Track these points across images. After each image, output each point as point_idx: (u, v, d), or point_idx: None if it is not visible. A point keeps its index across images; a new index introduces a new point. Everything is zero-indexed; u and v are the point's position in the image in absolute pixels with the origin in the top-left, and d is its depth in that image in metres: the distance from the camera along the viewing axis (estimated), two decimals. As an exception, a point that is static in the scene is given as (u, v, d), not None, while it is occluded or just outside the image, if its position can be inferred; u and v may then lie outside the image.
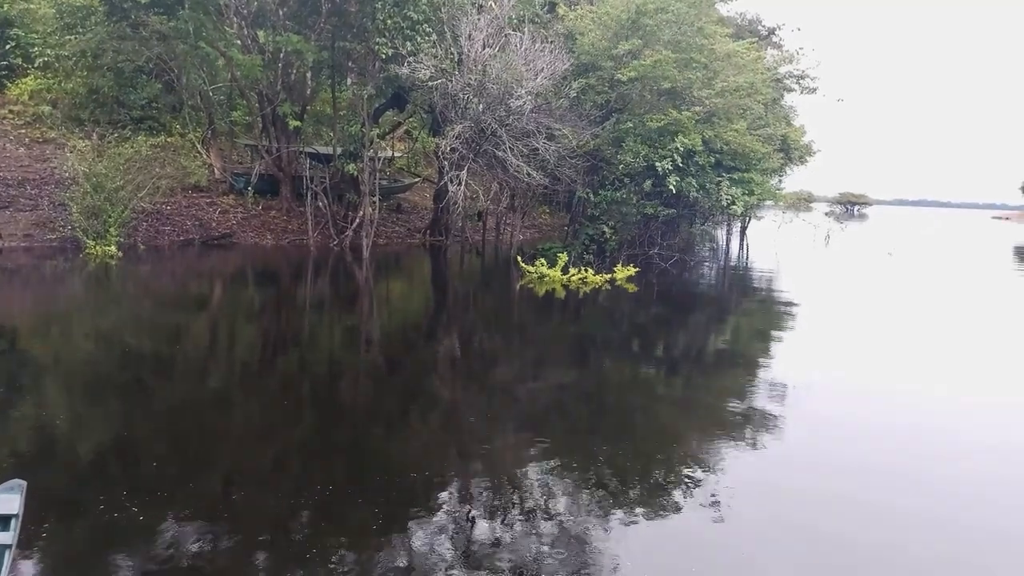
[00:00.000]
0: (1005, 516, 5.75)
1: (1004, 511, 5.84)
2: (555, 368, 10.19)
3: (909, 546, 5.18)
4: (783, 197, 30.80)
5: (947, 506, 5.89)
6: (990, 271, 28.80)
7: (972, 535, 5.43)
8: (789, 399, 8.67)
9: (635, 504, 5.68)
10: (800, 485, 6.22)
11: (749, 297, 18.30)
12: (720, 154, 19.83)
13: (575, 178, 20.03)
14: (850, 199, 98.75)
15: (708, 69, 19.78)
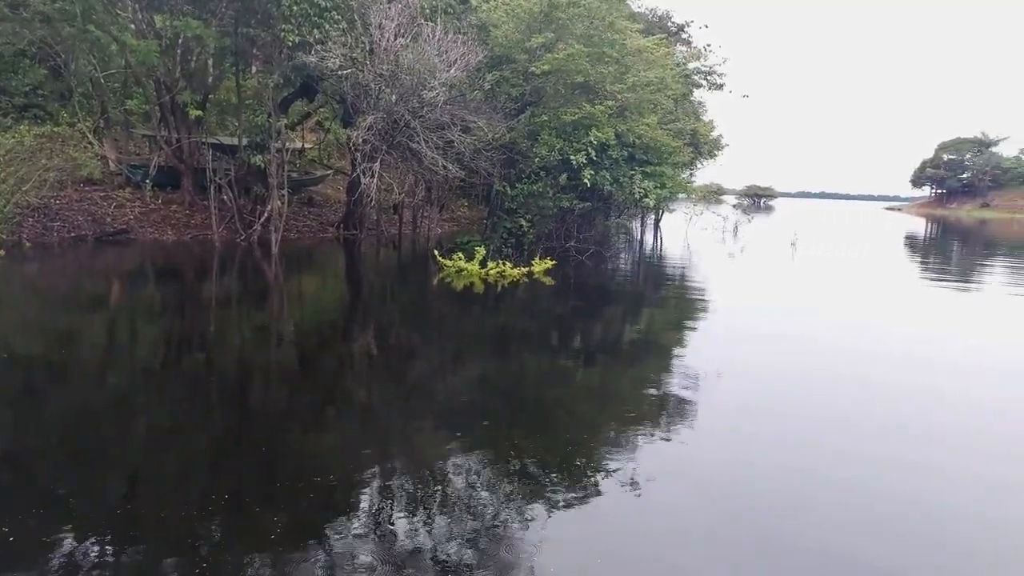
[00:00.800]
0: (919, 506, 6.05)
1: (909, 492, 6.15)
2: (474, 362, 10.09)
3: (819, 517, 5.36)
4: (694, 190, 31.79)
5: (856, 482, 6.13)
6: (884, 259, 30.66)
7: (886, 499, 5.67)
8: (702, 385, 8.92)
9: (555, 493, 5.68)
10: (714, 467, 6.38)
11: (663, 288, 18.74)
12: (633, 148, 20.21)
13: (492, 171, 19.94)
14: (757, 192, 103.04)
15: (620, 64, 20.08)
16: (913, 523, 5.47)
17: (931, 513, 5.66)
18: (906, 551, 5.01)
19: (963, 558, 5.02)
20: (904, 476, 6.31)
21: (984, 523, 5.54)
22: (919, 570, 4.83)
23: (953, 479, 6.34)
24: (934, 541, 5.25)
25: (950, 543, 5.23)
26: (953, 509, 5.76)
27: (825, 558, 4.88)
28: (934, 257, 33.87)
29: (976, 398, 8.92)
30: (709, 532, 5.22)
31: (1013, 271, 26.33)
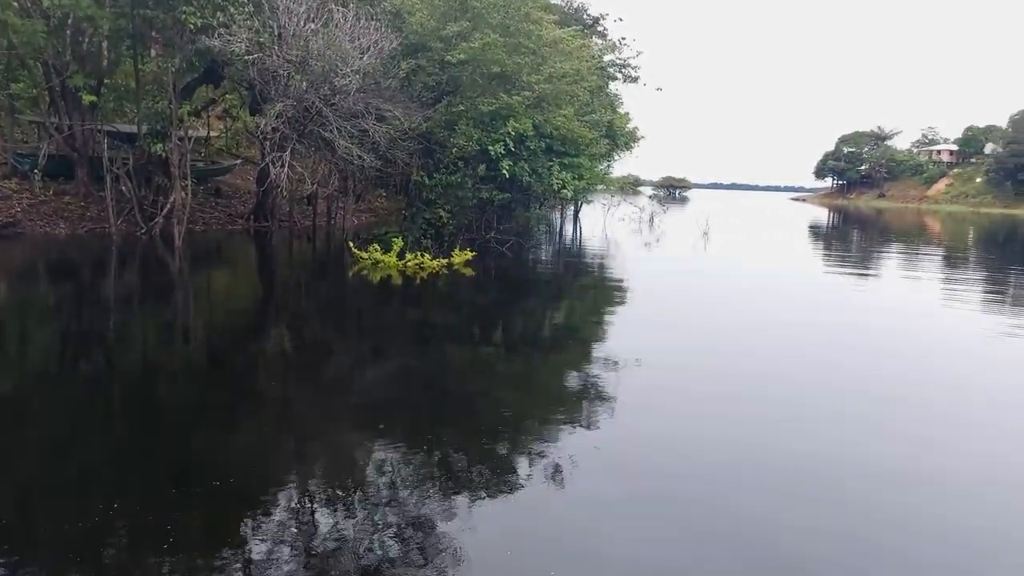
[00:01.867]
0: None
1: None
2: (393, 356, 9.85)
3: (738, 496, 5.48)
4: (612, 181, 32.28)
5: (768, 453, 6.32)
6: (791, 247, 32.12)
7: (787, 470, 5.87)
8: (621, 371, 9.03)
9: (479, 484, 5.61)
10: (634, 448, 6.48)
11: (583, 278, 18.94)
12: (550, 139, 20.29)
13: (409, 161, 19.60)
14: (672, 183, 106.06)
15: (536, 55, 20.09)
16: (820, 484, 5.69)
17: (832, 471, 5.91)
18: (816, 512, 5.21)
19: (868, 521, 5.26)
20: (808, 443, 6.57)
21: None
22: (828, 532, 4.99)
23: (860, 445, 6.64)
24: (841, 498, 5.47)
25: (859, 502, 5.46)
26: (858, 466, 6.04)
27: (741, 525, 5.02)
28: (836, 245, 35.77)
29: (884, 375, 9.41)
30: (631, 511, 5.29)
31: (903, 255, 28.12)
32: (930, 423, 7.69)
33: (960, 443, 7.11)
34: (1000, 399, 8.75)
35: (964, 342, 12.03)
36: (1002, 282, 21.37)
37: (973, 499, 5.83)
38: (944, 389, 9.11)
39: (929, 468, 6.39)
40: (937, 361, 10.77)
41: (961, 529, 5.30)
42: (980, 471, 6.41)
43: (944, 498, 5.84)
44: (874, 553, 4.81)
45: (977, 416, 7.99)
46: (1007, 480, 6.24)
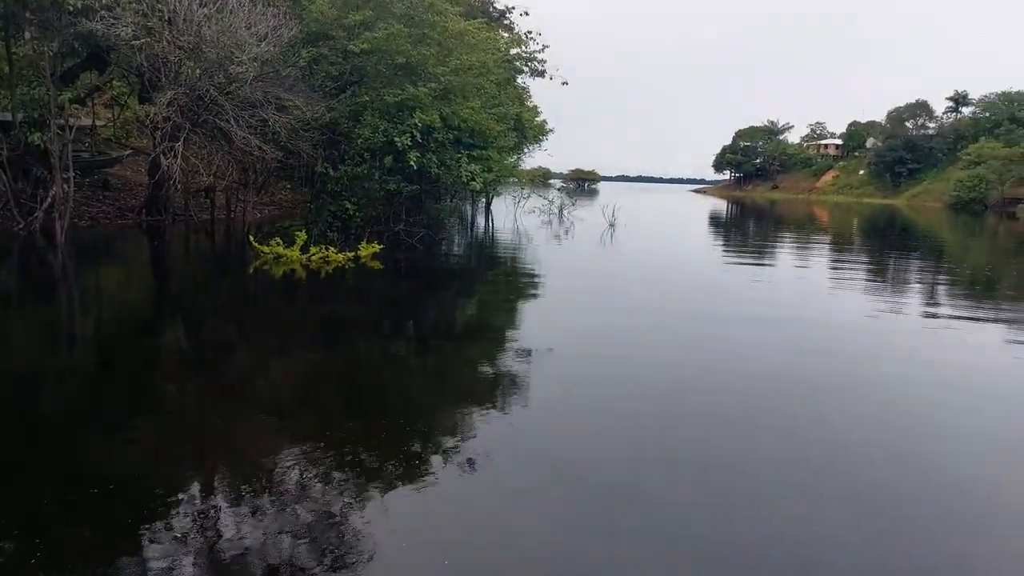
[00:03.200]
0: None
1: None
2: (298, 352, 9.59)
3: (649, 474, 5.67)
4: (522, 174, 32.58)
5: (678, 439, 6.58)
6: (693, 237, 33.47)
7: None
8: (534, 361, 9.16)
9: (392, 479, 5.55)
10: (549, 437, 6.58)
11: (495, 269, 19.04)
12: (458, 131, 20.24)
13: (313, 152, 19.08)
14: (581, 176, 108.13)
15: (442, 46, 19.96)
16: (729, 469, 5.97)
17: (738, 455, 6.22)
18: (726, 494, 5.46)
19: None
20: (717, 431, 6.88)
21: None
22: (743, 513, 5.25)
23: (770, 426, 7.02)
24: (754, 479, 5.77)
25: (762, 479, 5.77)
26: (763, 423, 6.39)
27: (654, 512, 5.18)
28: (735, 234, 37.50)
29: (781, 350, 9.96)
30: (545, 500, 5.37)
31: (795, 242, 29.85)
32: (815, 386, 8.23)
33: (850, 412, 7.63)
34: (867, 354, 9.46)
35: (849, 318, 12.90)
36: (881, 264, 23.06)
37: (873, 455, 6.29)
38: (830, 359, 9.74)
39: (811, 421, 6.85)
40: (827, 334, 11.49)
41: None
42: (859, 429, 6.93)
43: (840, 454, 6.27)
44: (781, 531, 5.11)
45: (861, 382, 8.60)
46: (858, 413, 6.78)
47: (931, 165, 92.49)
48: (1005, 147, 74.75)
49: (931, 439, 7.02)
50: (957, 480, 6.05)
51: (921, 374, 9.38)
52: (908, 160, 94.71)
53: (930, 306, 15.02)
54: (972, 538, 5.11)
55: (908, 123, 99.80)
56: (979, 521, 5.34)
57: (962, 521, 5.33)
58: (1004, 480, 6.11)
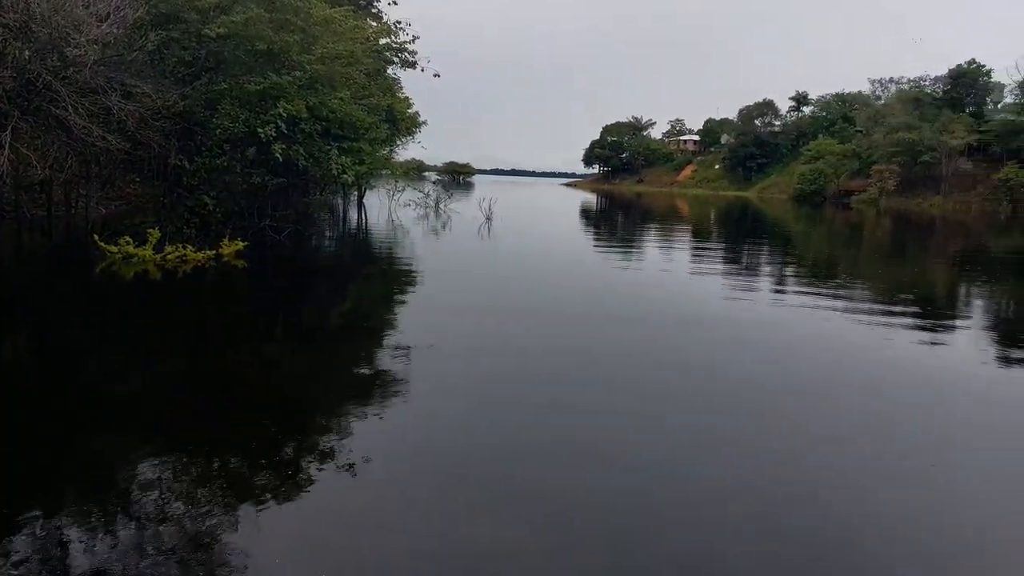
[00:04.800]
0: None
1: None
2: (156, 359, 8.83)
3: (531, 464, 5.67)
4: (395, 167, 32.04)
5: (553, 426, 6.64)
6: (567, 228, 34.32)
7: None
8: (414, 358, 8.97)
9: (264, 486, 5.26)
10: (430, 438, 6.42)
11: (370, 265, 18.58)
12: (327, 122, 19.52)
13: (166, 143, 17.70)
14: (456, 169, 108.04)
15: (306, 33, 19.14)
16: (616, 452, 6.10)
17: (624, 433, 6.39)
18: (607, 477, 5.56)
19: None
20: (607, 422, 7.03)
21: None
22: (619, 496, 5.36)
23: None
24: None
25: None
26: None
27: (537, 500, 5.21)
28: (604, 225, 38.87)
29: (650, 326, 10.37)
30: (428, 500, 5.24)
31: (659, 231, 31.38)
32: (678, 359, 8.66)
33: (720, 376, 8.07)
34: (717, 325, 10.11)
35: (707, 297, 13.69)
36: (736, 251, 24.73)
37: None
38: (690, 329, 10.28)
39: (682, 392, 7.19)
40: (692, 310, 12.13)
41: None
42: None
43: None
44: (671, 510, 5.28)
45: (719, 352, 9.15)
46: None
47: (777, 160, 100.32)
48: (839, 144, 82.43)
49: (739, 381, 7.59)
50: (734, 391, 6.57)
51: (750, 335, 10.13)
52: (758, 156, 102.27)
53: (777, 286, 16.24)
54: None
55: (757, 121, 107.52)
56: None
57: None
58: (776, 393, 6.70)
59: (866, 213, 58.66)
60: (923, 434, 7.13)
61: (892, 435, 6.99)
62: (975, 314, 14.66)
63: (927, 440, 6.96)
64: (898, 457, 6.40)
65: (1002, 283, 19.66)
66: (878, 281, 18.79)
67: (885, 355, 10.23)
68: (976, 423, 7.44)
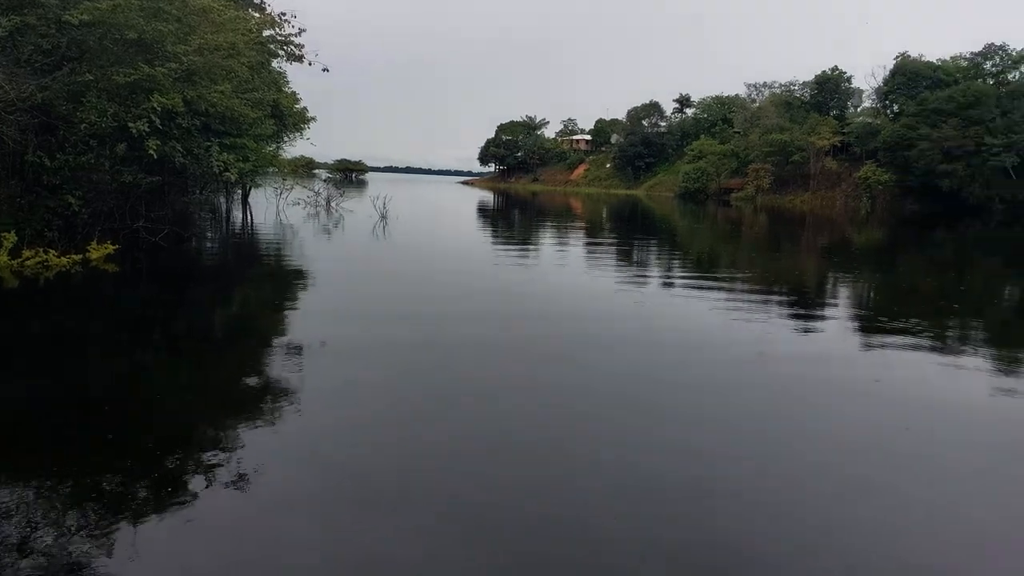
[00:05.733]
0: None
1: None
2: (14, 377, 8.02)
3: (421, 464, 5.57)
4: (283, 164, 30.84)
5: (448, 422, 6.56)
6: (464, 226, 34.26)
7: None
8: (306, 362, 8.69)
9: (144, 506, 4.92)
10: (323, 445, 6.21)
11: (256, 267, 17.79)
12: (207, 117, 18.52)
13: (21, 139, 16.16)
14: (348, 167, 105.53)
15: (182, 23, 18.04)
16: (515, 451, 6.10)
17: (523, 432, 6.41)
18: (515, 486, 5.55)
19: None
20: (499, 425, 7.03)
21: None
22: (516, 494, 5.37)
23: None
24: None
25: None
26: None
27: (433, 507, 5.11)
28: (501, 223, 39.14)
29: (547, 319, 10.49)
30: (323, 512, 5.06)
31: (555, 229, 31.96)
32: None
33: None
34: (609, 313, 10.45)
35: (600, 291, 14.08)
36: (627, 247, 25.57)
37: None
38: (581, 324, 10.53)
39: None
40: (581, 304, 12.42)
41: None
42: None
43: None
44: (559, 495, 5.33)
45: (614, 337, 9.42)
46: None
47: (664, 159, 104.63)
48: (720, 144, 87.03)
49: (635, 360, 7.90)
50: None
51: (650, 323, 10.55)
52: (645, 155, 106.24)
53: (665, 278, 16.93)
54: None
55: (644, 122, 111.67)
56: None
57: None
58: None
59: (744, 209, 62.26)
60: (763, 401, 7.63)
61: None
62: (840, 301, 15.86)
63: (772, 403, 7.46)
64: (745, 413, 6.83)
65: (864, 272, 21.42)
66: (756, 272, 19.97)
67: (759, 337, 10.88)
68: (854, 409, 8.05)
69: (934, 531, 5.21)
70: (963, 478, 6.08)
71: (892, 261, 26.54)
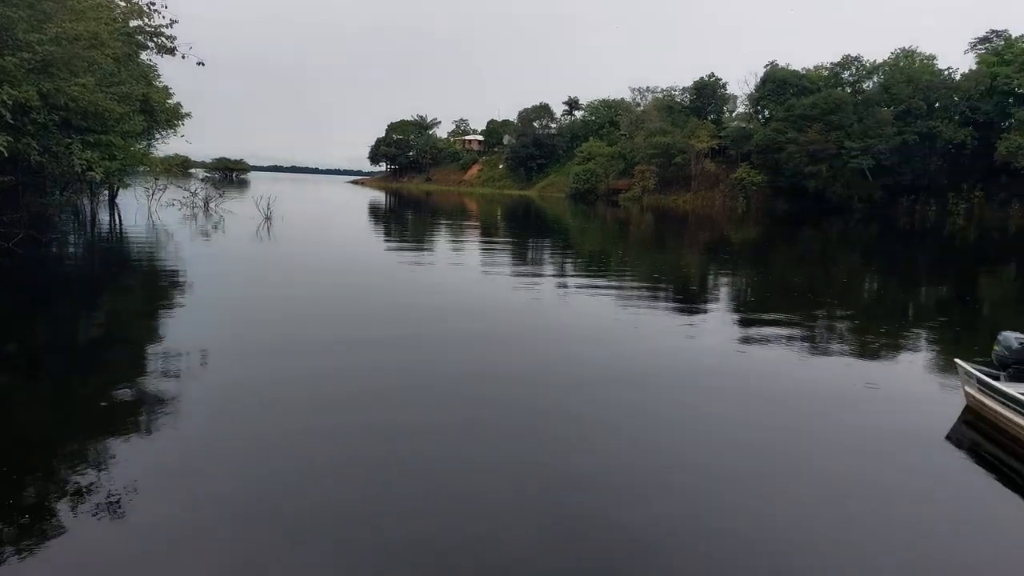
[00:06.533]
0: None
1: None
2: None
3: (304, 477, 5.27)
4: (155, 163, 28.93)
5: (328, 431, 6.26)
6: (355, 227, 33.38)
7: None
8: (183, 373, 8.16)
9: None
10: (202, 462, 5.73)
11: (127, 274, 16.50)
12: (67, 112, 17.05)
13: None
14: (228, 166, 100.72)
15: (35, 9, 16.50)
16: (403, 468, 5.90)
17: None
18: (399, 500, 5.35)
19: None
20: (392, 442, 6.79)
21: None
22: (396, 506, 5.18)
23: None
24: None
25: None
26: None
27: (313, 524, 4.85)
28: (394, 224, 38.50)
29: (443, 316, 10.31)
30: (198, 534, 4.69)
31: (449, 229, 31.79)
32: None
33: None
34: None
35: (499, 289, 14.10)
36: (521, 246, 25.81)
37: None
38: (470, 322, 10.48)
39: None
40: (475, 303, 12.37)
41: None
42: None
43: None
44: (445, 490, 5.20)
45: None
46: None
47: (555, 161, 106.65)
48: (608, 146, 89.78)
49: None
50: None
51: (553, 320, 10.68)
52: (537, 156, 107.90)
53: (559, 277, 17.21)
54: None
55: (535, 123, 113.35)
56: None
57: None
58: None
59: (632, 209, 64.58)
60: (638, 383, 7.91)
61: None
62: (721, 293, 16.68)
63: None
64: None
65: (741, 266, 22.69)
66: (642, 268, 20.69)
67: (641, 329, 11.25)
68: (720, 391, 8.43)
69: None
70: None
71: (765, 259, 28.29)
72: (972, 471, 6.63)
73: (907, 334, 12.67)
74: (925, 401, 8.53)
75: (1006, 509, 5.79)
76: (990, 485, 6.29)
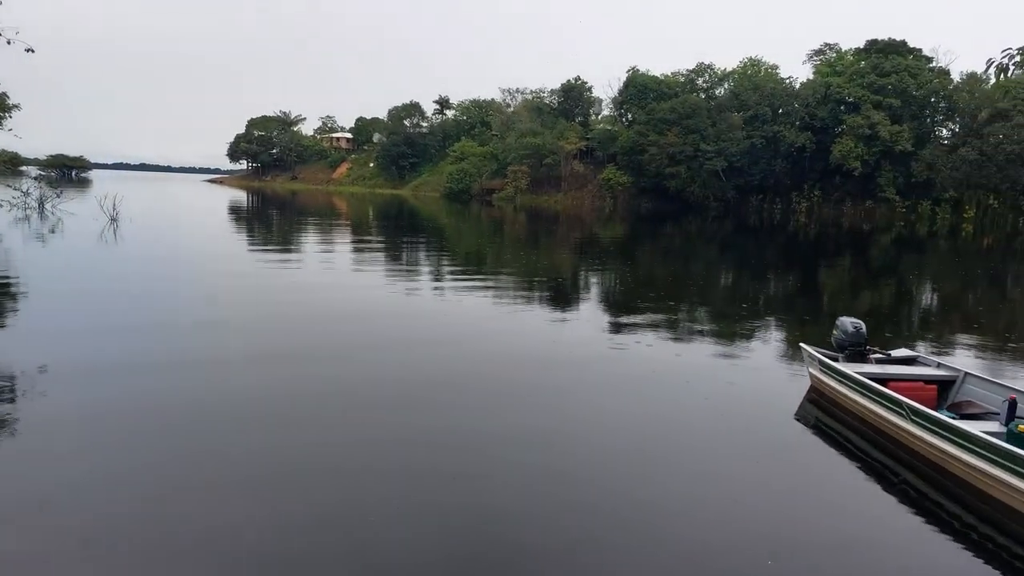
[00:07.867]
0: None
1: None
2: None
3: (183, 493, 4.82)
4: (-24, 158, 25.84)
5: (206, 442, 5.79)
6: (214, 229, 31.40)
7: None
8: (20, 392, 7.32)
9: None
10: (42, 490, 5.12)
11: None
12: None
13: None
14: (66, 163, 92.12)
15: None
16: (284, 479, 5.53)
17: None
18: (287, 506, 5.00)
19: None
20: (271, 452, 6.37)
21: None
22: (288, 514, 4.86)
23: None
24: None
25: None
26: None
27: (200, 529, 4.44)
28: (258, 226, 36.63)
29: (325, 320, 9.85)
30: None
31: (320, 231, 30.71)
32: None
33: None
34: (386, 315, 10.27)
35: (372, 293, 13.73)
36: (396, 247, 25.39)
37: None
38: (341, 324, 10.17)
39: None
40: (353, 307, 11.98)
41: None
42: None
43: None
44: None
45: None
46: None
47: (428, 160, 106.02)
48: (480, 146, 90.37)
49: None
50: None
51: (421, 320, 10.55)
52: (409, 155, 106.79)
53: (435, 279, 17.07)
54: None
55: (406, 121, 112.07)
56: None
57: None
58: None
59: (505, 209, 65.41)
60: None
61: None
62: (591, 289, 17.22)
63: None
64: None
65: (609, 263, 23.57)
66: (518, 267, 20.98)
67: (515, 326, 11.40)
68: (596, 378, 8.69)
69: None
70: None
71: (632, 253, 29.59)
72: (814, 444, 7.23)
73: (759, 322, 13.65)
74: (777, 382, 9.21)
75: (841, 476, 6.38)
76: (829, 455, 6.89)
